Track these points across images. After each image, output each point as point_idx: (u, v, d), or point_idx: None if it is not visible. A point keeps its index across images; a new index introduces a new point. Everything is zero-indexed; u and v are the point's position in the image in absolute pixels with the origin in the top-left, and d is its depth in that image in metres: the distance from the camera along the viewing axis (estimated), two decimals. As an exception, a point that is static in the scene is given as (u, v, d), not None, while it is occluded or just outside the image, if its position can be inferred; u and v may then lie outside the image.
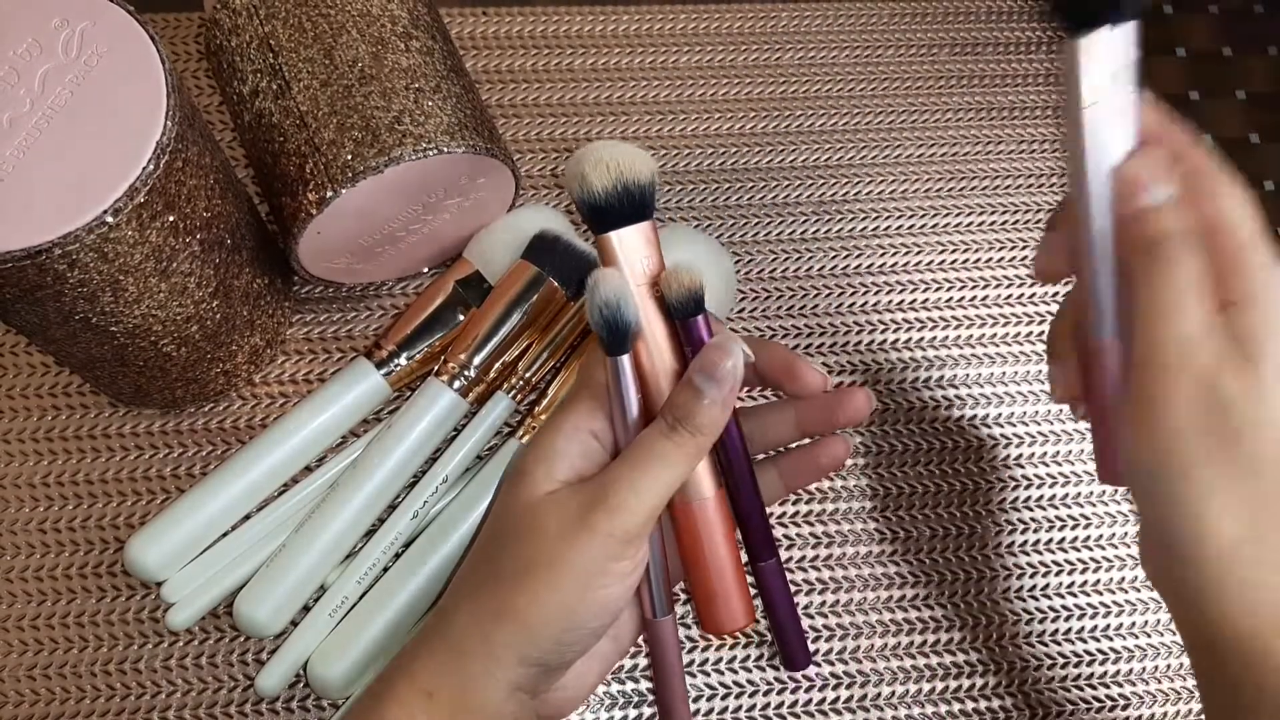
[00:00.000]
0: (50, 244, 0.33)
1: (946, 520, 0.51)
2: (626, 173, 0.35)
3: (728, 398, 0.34)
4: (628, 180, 0.35)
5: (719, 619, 0.38)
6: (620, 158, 0.35)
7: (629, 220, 0.35)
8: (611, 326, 0.34)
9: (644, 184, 0.35)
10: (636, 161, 0.35)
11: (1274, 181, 0.61)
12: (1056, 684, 0.48)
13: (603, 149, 0.35)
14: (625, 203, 0.35)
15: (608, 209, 0.35)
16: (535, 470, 0.35)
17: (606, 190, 0.35)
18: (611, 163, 0.35)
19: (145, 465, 0.48)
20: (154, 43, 0.36)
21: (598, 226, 0.35)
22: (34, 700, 0.44)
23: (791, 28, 0.62)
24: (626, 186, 0.35)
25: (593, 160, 0.35)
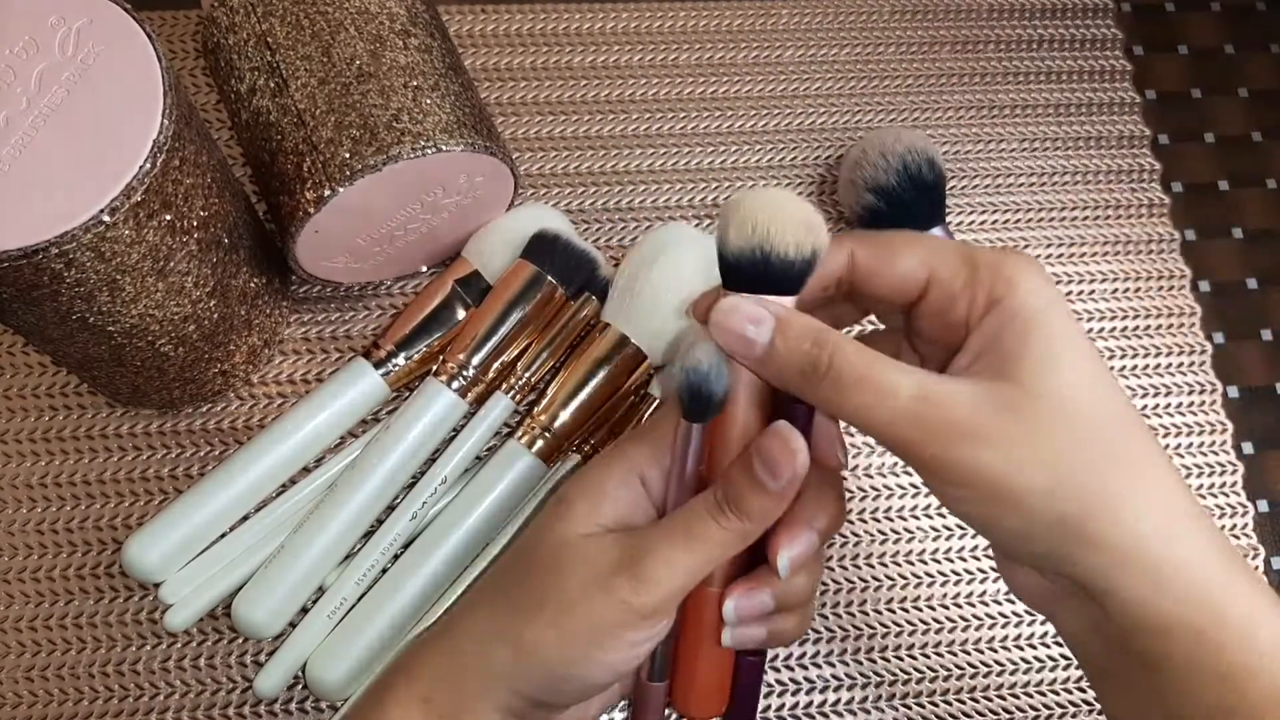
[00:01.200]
0: (47, 243, 0.33)
1: (949, 522, 0.50)
2: (772, 240, 0.31)
3: (786, 492, 0.32)
4: (771, 250, 0.31)
5: (694, 704, 0.36)
6: (774, 220, 0.31)
7: (768, 289, 0.32)
8: (695, 394, 0.32)
9: (790, 258, 0.31)
10: (793, 229, 0.31)
11: (1276, 180, 0.61)
12: (1059, 685, 0.48)
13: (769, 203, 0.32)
14: (763, 270, 0.32)
15: (738, 268, 0.32)
16: (578, 505, 0.34)
17: (740, 251, 0.32)
18: (761, 222, 0.31)
19: (143, 466, 0.48)
20: (151, 40, 0.36)
21: (728, 282, 0.33)
22: (32, 701, 0.44)
23: (791, 25, 0.61)
24: (766, 255, 0.31)
25: (747, 212, 0.31)
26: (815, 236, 0.31)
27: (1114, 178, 0.59)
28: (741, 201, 0.32)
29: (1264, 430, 0.55)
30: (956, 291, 0.32)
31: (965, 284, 0.32)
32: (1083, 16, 0.64)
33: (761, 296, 0.32)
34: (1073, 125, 0.60)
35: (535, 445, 0.47)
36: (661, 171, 0.57)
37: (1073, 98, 0.61)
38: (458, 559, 0.45)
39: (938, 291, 0.32)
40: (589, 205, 0.56)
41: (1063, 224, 0.58)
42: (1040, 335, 0.30)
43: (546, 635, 0.32)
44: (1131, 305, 0.56)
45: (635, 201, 0.56)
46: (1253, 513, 0.52)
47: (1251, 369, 0.56)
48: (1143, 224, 0.58)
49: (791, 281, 0.32)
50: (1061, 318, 0.30)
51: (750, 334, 0.31)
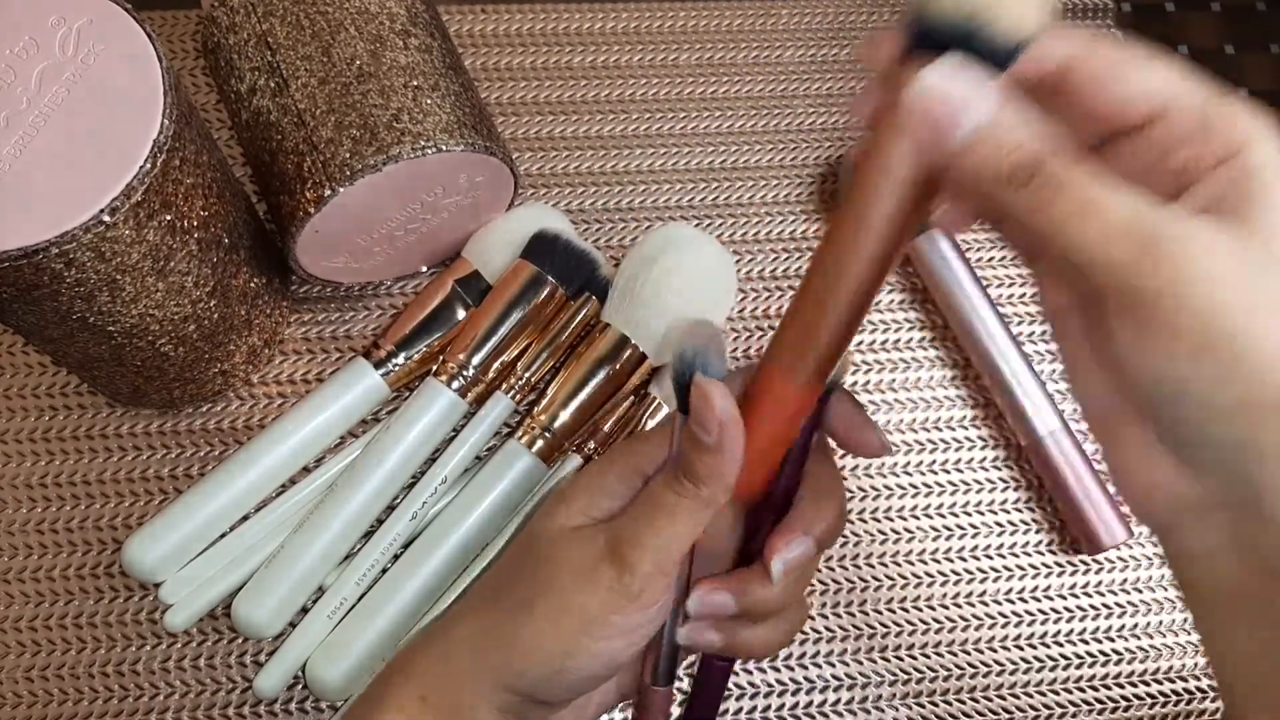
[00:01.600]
0: (47, 243, 0.33)
1: (949, 522, 0.50)
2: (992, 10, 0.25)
3: (725, 444, 0.30)
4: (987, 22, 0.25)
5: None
6: None
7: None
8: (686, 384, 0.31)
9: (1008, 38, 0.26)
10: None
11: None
12: (1059, 685, 0.48)
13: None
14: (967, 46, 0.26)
15: (934, 36, 0.26)
16: (575, 500, 0.34)
17: (945, 16, 0.26)
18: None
19: (143, 466, 0.48)
20: (151, 40, 0.36)
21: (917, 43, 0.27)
22: (32, 701, 0.44)
23: (791, 25, 0.61)
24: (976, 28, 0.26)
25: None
26: (1042, 14, 0.26)
27: (1114, 178, 0.59)
28: None
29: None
30: (1189, 133, 0.26)
31: (1200, 126, 0.26)
32: (1083, 16, 0.64)
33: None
34: (1072, 125, 0.60)
35: (535, 445, 0.47)
36: (661, 171, 0.57)
37: (1072, 98, 0.61)
38: (457, 559, 0.45)
39: (1166, 127, 0.27)
40: (589, 205, 0.56)
41: (1062, 224, 0.58)
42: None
43: (541, 630, 0.32)
44: (1131, 305, 0.56)
45: (635, 201, 0.56)
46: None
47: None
48: (1142, 224, 0.58)
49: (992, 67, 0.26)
50: None
51: (954, 117, 0.25)
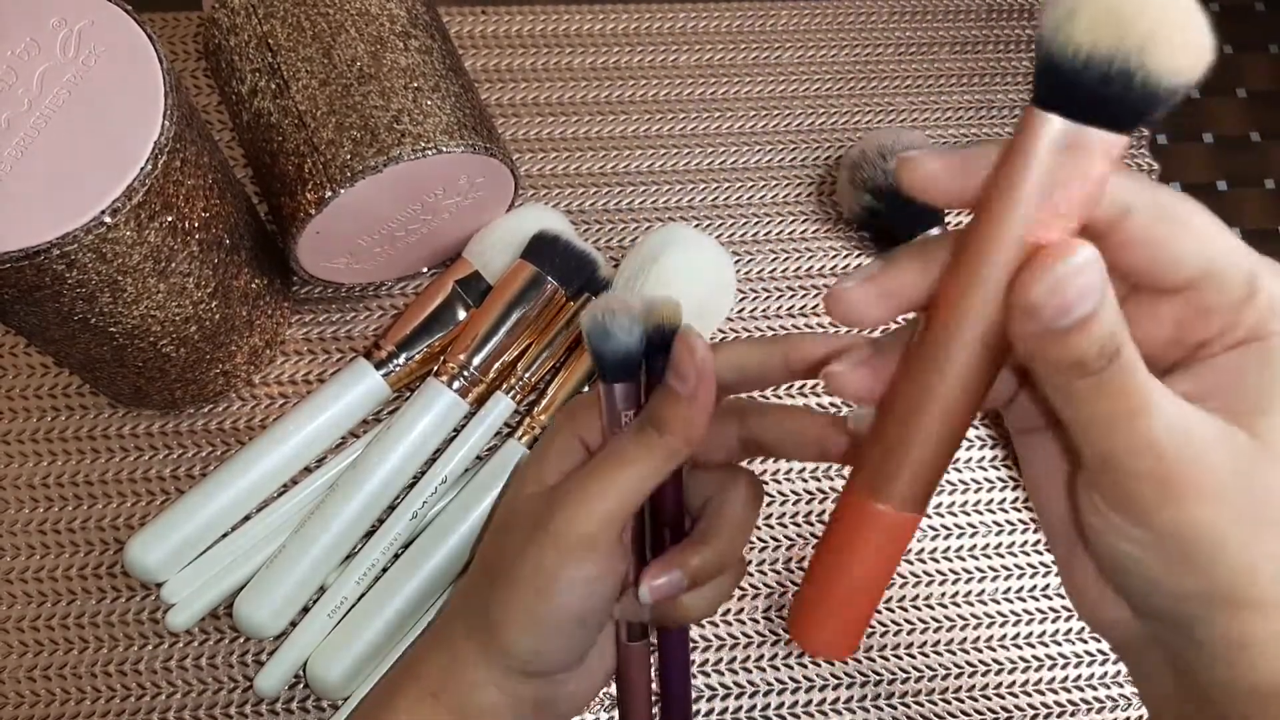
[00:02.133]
0: (48, 244, 0.33)
1: (947, 522, 0.51)
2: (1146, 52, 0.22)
3: (697, 395, 0.31)
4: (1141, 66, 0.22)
5: (821, 637, 0.29)
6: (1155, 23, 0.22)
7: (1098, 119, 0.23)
8: (595, 353, 0.33)
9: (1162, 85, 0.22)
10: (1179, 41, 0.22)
11: (1275, 180, 0.61)
12: (1057, 684, 0.48)
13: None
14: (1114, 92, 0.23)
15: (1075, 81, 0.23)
16: (525, 471, 0.35)
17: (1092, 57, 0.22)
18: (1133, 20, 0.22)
19: (145, 466, 0.48)
20: (152, 42, 0.36)
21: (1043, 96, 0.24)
22: (34, 701, 0.44)
23: (791, 26, 0.61)
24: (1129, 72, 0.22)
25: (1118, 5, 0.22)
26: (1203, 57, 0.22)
27: (1113, 178, 0.59)
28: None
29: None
30: (1223, 305, 0.26)
31: (1237, 302, 0.26)
32: (1081, 17, 0.64)
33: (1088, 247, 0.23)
34: (1071, 126, 0.61)
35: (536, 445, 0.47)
36: (661, 172, 0.57)
37: (1071, 98, 0.61)
38: (458, 558, 0.45)
39: (1201, 297, 0.26)
40: (589, 206, 0.56)
41: (1062, 224, 0.58)
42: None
43: (507, 599, 0.32)
44: (1130, 305, 0.56)
45: (635, 202, 0.56)
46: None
47: (1250, 368, 0.56)
48: (1141, 224, 0.58)
49: (1135, 116, 0.23)
50: None
51: (1073, 305, 0.24)
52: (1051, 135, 0.24)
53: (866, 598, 0.28)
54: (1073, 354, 0.24)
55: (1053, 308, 0.24)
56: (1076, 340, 0.24)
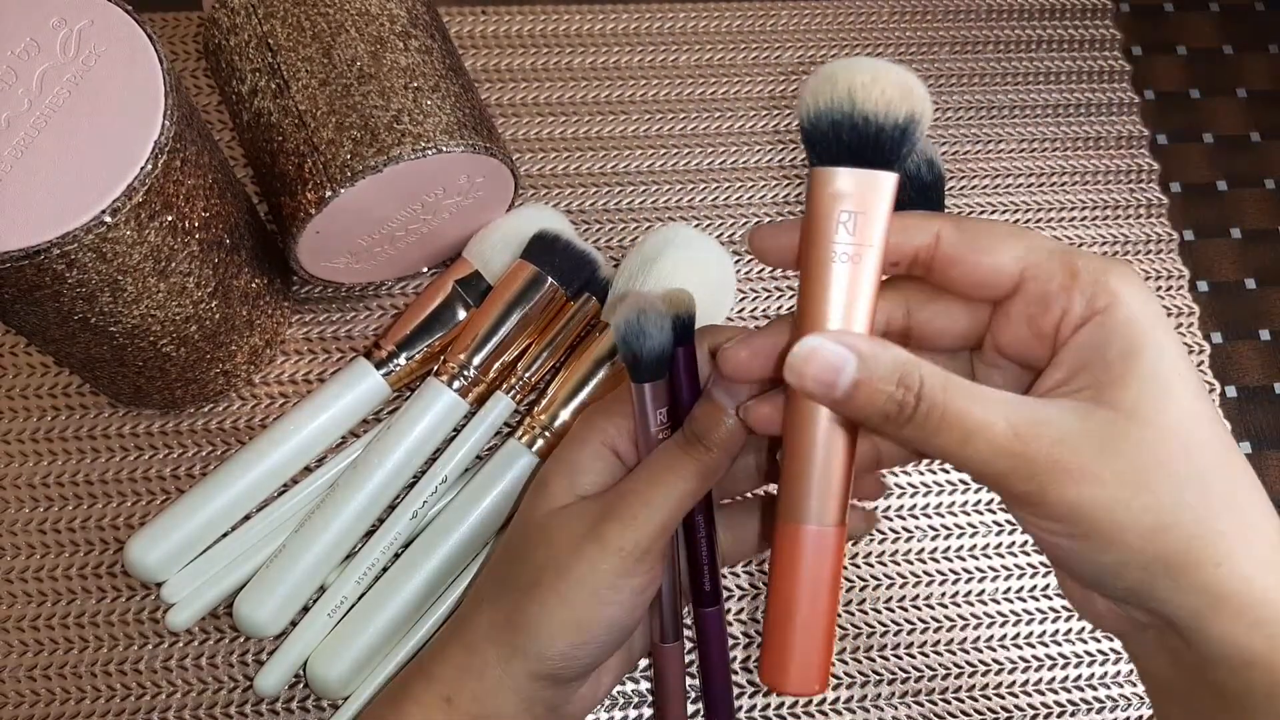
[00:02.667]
0: (48, 244, 0.33)
1: (946, 521, 0.51)
2: (856, 99, 0.28)
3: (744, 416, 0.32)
4: (855, 110, 0.28)
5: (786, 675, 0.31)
6: (860, 77, 0.28)
7: (855, 160, 0.29)
8: (626, 355, 0.33)
9: (880, 120, 0.28)
10: (882, 87, 0.28)
11: (1274, 180, 0.61)
12: (1056, 684, 0.48)
13: (857, 63, 0.29)
14: (847, 135, 0.29)
15: (817, 133, 0.29)
16: (555, 483, 0.35)
17: (819, 113, 0.29)
18: (844, 80, 0.28)
19: (145, 466, 0.48)
20: (152, 42, 0.36)
21: (813, 155, 0.29)
22: (34, 701, 0.44)
23: (791, 26, 0.61)
24: (850, 117, 0.28)
25: (830, 70, 0.29)
26: (910, 100, 0.28)
27: (1113, 178, 0.59)
28: (827, 64, 0.29)
29: (1262, 430, 0.55)
30: (1052, 294, 0.29)
31: (1063, 287, 0.29)
32: (1081, 17, 0.64)
33: (842, 332, 0.29)
34: (1072, 126, 0.61)
35: (536, 445, 0.47)
36: (661, 172, 0.57)
37: (1071, 98, 0.61)
38: (458, 558, 0.45)
39: (1031, 292, 0.29)
40: (589, 206, 0.56)
41: (1062, 224, 0.58)
42: (1148, 357, 0.28)
43: (550, 605, 0.33)
44: (1130, 305, 0.56)
45: (635, 202, 0.56)
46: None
47: (1249, 369, 0.57)
48: (1141, 224, 0.58)
49: (882, 152, 0.29)
50: (1171, 340, 0.28)
51: (829, 380, 0.28)
52: (829, 183, 0.29)
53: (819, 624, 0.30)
54: (873, 413, 0.28)
55: (815, 386, 0.28)
56: (863, 405, 0.28)
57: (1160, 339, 0.28)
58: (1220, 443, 0.28)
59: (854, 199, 0.29)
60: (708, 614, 0.39)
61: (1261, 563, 0.28)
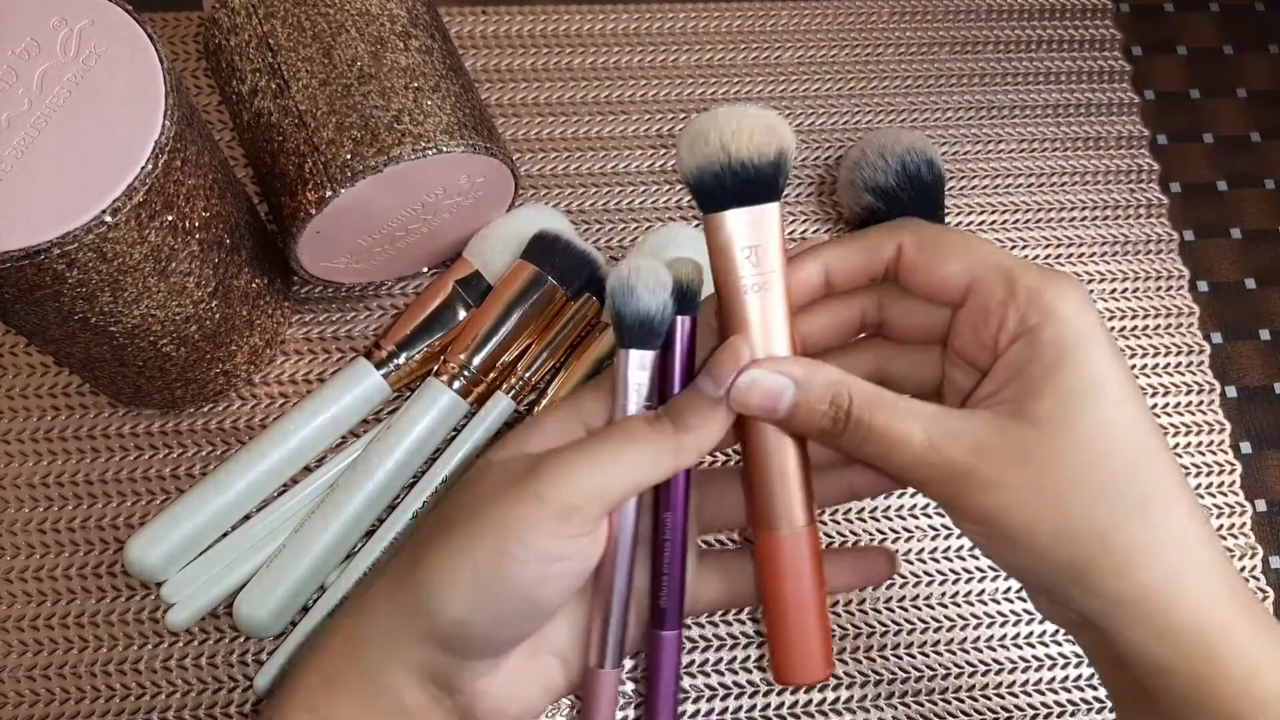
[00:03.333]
0: (49, 244, 0.33)
1: (946, 521, 0.51)
2: (728, 149, 0.31)
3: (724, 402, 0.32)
4: (729, 159, 0.31)
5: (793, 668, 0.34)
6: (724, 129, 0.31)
7: (740, 202, 0.32)
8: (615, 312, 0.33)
9: (753, 164, 0.31)
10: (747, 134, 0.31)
11: (1274, 180, 0.61)
12: (1056, 684, 0.48)
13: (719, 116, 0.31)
14: (727, 183, 0.32)
15: (701, 188, 0.32)
16: (508, 438, 0.34)
17: (697, 169, 0.32)
18: (711, 135, 0.31)
19: (145, 465, 0.48)
20: (152, 42, 0.36)
21: (702, 205, 0.32)
22: (34, 700, 0.44)
23: (791, 26, 0.61)
24: (726, 166, 0.31)
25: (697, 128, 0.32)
26: (775, 138, 0.31)
27: (1113, 178, 0.59)
28: (692, 121, 0.32)
29: (1262, 430, 0.55)
30: (991, 309, 0.31)
31: (1000, 302, 0.31)
32: (1081, 17, 0.64)
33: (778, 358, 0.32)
34: (1071, 126, 0.61)
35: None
36: (661, 173, 0.57)
37: (1071, 98, 0.61)
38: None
39: (975, 303, 0.32)
40: (589, 206, 0.56)
41: (1061, 224, 0.58)
42: (1066, 372, 0.29)
43: (450, 550, 0.30)
44: (1130, 305, 0.56)
45: (635, 202, 0.56)
46: (1251, 512, 0.52)
47: (1250, 369, 0.57)
48: (1141, 224, 0.58)
49: (761, 189, 0.32)
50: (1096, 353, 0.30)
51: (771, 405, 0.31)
52: (723, 227, 0.32)
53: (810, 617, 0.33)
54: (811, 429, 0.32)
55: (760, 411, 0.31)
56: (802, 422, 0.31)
57: (1085, 354, 0.29)
58: (1140, 450, 0.29)
59: (749, 235, 0.32)
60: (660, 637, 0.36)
61: (1169, 572, 0.29)
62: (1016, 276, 0.31)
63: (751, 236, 0.32)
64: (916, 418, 0.30)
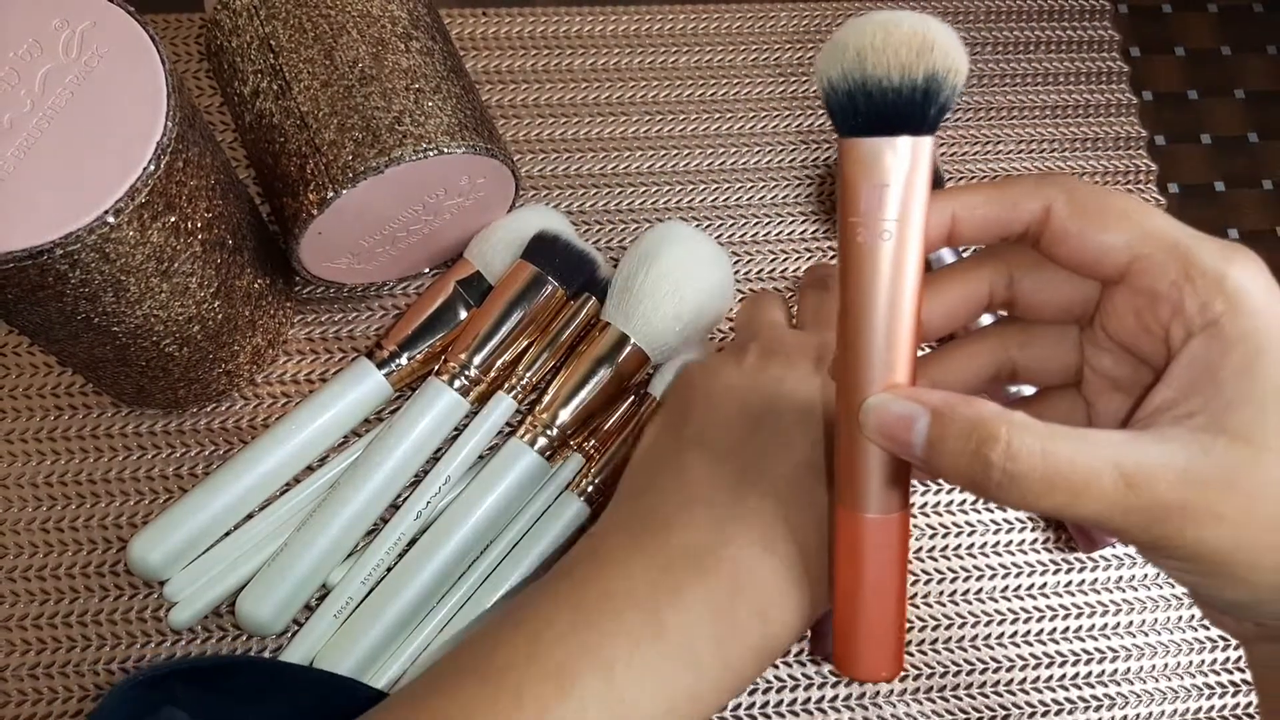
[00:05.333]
0: (52, 244, 0.33)
1: (946, 521, 0.51)
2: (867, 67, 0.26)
3: None
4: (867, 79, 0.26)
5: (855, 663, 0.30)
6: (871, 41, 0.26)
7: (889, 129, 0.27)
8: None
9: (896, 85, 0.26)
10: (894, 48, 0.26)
11: (1272, 181, 0.61)
12: (1055, 682, 0.48)
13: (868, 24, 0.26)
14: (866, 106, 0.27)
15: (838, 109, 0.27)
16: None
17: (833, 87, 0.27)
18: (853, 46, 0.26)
19: (148, 465, 0.48)
20: (154, 43, 0.37)
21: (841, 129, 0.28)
22: (35, 699, 0.45)
23: (791, 27, 0.62)
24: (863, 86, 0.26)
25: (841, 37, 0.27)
26: (930, 56, 0.26)
27: (1111, 179, 0.60)
28: (844, 23, 0.27)
29: (1261, 429, 0.55)
30: (1162, 291, 0.26)
31: (1174, 285, 0.26)
32: (1080, 19, 0.64)
33: (910, 389, 0.27)
34: (1070, 127, 0.61)
35: (537, 444, 0.47)
36: (661, 173, 0.57)
37: (1070, 99, 0.62)
38: (462, 556, 0.46)
39: (1139, 284, 0.27)
40: (589, 207, 0.56)
41: (1060, 224, 0.58)
42: (1264, 373, 0.25)
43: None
44: (1129, 305, 0.56)
45: (635, 203, 0.56)
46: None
47: (1248, 368, 0.57)
48: (1140, 224, 0.59)
49: (911, 117, 0.26)
50: None
51: (904, 437, 0.26)
52: (854, 154, 0.27)
53: (890, 609, 0.29)
54: (953, 473, 0.26)
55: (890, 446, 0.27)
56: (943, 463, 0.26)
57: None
58: None
59: (881, 170, 0.27)
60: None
61: None
62: (1192, 253, 0.26)
63: (885, 173, 0.27)
64: (1099, 448, 0.25)
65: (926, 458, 0.26)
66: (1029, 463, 0.25)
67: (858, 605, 0.29)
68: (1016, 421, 0.25)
